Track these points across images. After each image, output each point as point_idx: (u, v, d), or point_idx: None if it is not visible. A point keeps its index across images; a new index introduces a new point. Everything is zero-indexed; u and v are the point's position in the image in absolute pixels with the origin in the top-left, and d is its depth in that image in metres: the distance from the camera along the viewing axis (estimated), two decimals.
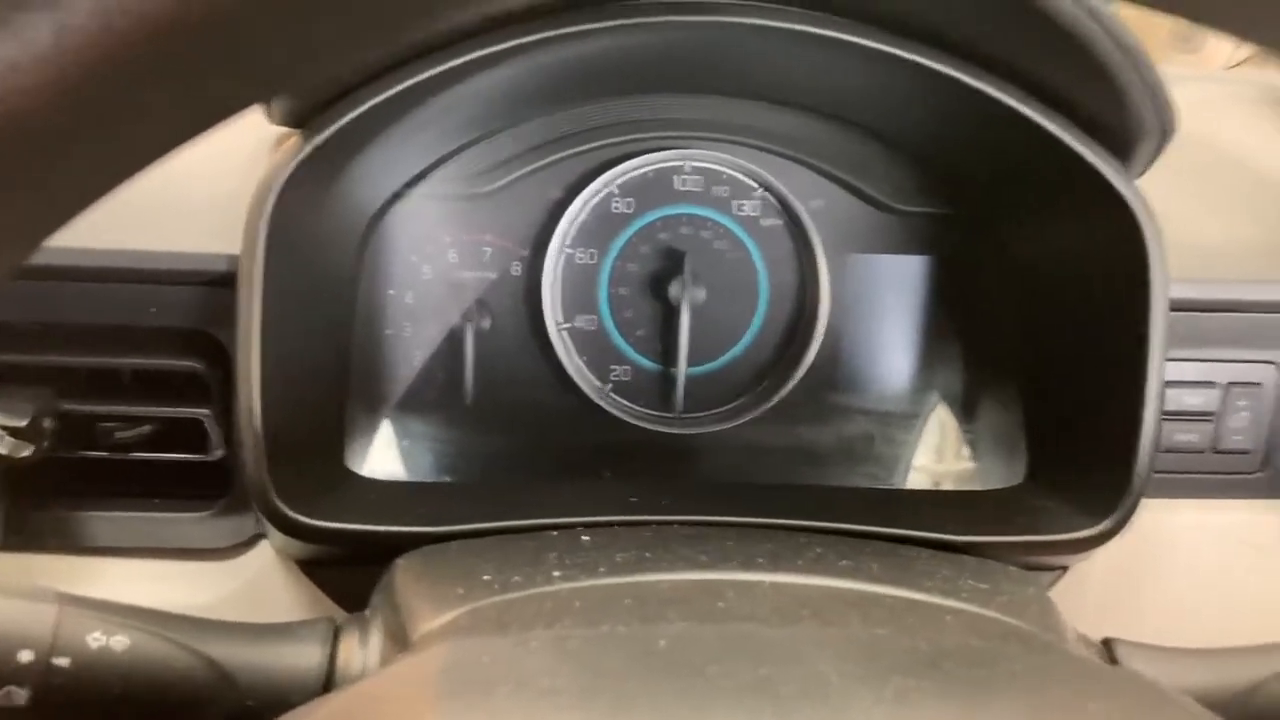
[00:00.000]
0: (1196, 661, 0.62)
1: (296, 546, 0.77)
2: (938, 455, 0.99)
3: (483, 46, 0.72)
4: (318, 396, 0.82)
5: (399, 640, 0.58)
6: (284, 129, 0.77)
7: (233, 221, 0.75)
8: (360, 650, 0.60)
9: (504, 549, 0.66)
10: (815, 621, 0.47)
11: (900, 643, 0.44)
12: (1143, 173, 0.79)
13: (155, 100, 0.28)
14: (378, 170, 0.87)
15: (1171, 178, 0.80)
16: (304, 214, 0.78)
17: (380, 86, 0.73)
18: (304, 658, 0.59)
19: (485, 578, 0.59)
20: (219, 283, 0.76)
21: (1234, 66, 1.30)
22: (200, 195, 0.82)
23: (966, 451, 0.96)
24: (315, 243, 0.82)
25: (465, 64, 0.73)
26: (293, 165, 0.72)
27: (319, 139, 0.73)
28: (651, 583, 0.54)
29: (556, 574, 0.57)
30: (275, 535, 0.76)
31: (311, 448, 0.80)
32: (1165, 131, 0.73)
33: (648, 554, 0.61)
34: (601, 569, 0.58)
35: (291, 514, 0.72)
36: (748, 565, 0.57)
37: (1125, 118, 0.73)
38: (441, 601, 0.57)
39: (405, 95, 0.74)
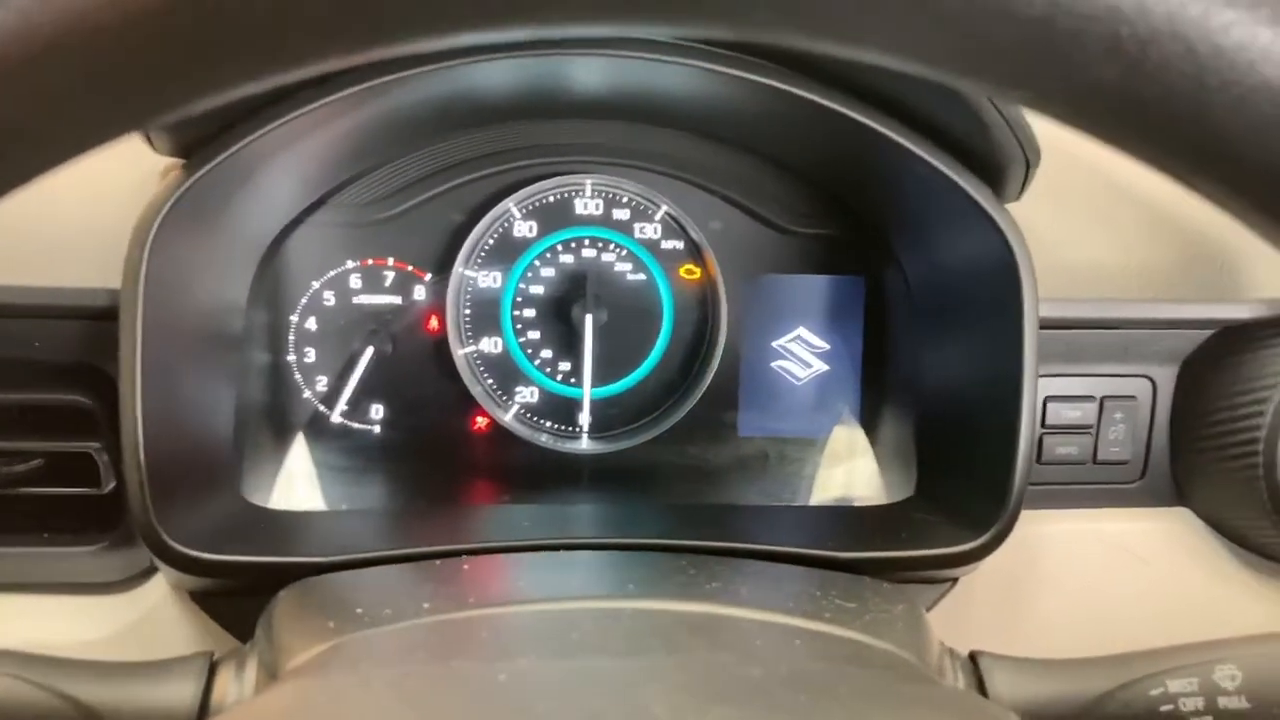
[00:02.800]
0: (1056, 672, 0.64)
1: (189, 579, 0.77)
2: (842, 472, 1.01)
3: (354, 83, 0.72)
4: (209, 427, 0.82)
5: (271, 672, 0.58)
6: (170, 159, 0.77)
7: (120, 253, 0.74)
8: (235, 684, 0.61)
9: (385, 579, 0.67)
10: (662, 651, 0.49)
11: (737, 670, 0.46)
12: (1016, 197, 0.81)
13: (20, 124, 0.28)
14: (269, 199, 0.87)
15: (1050, 197, 0.83)
16: (190, 245, 0.78)
17: (261, 120, 0.73)
18: (177, 695, 0.60)
19: (358, 610, 0.59)
20: (103, 316, 0.76)
21: None
22: (86, 227, 0.81)
23: (869, 467, 0.99)
24: (204, 272, 0.82)
25: (347, 96, 0.73)
26: (173, 199, 0.72)
27: (199, 173, 0.73)
28: (513, 614, 0.55)
29: (426, 605, 0.58)
30: (166, 568, 0.76)
31: (202, 479, 0.80)
32: (1029, 162, 0.77)
33: (521, 581, 0.62)
34: (471, 599, 0.59)
35: (177, 547, 0.72)
36: (615, 592, 0.59)
37: (991, 148, 0.76)
38: (311, 635, 0.58)
39: (289, 127, 0.75)
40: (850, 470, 0.99)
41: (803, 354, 1.02)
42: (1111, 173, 0.99)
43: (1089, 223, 0.94)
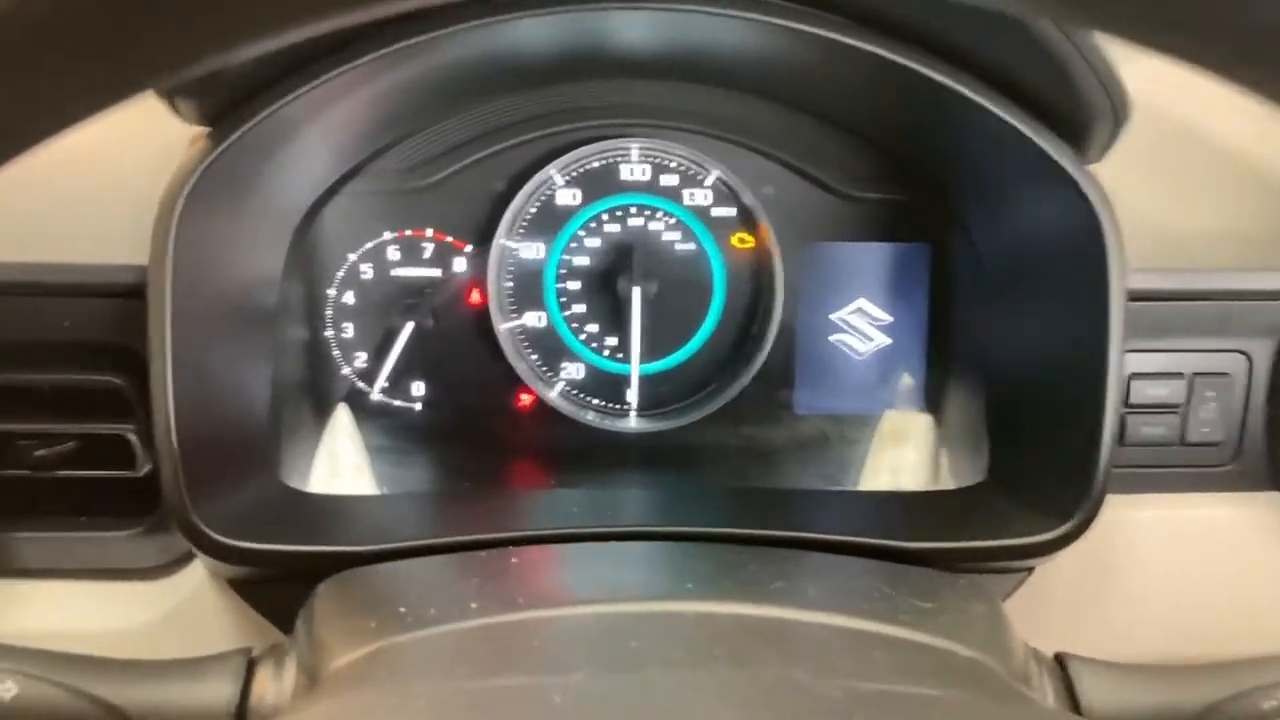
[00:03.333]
0: (1153, 680, 0.59)
1: (226, 567, 0.74)
2: (907, 453, 0.96)
3: (387, 44, 0.67)
4: (245, 407, 0.79)
5: (311, 675, 0.55)
6: (198, 128, 0.73)
7: (149, 228, 0.71)
8: (274, 684, 0.58)
9: (428, 573, 0.63)
10: (728, 662, 0.45)
11: (816, 689, 0.42)
12: (1099, 158, 0.75)
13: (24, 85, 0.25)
14: (302, 167, 0.83)
15: (1135, 158, 0.76)
16: (220, 217, 0.74)
17: (290, 85, 0.69)
18: (213, 695, 0.57)
19: (401, 609, 0.56)
20: (133, 294, 0.72)
21: None
22: (116, 201, 0.78)
23: (931, 449, 0.93)
24: (235, 245, 0.78)
25: (377, 59, 0.69)
26: (200, 169, 0.68)
27: (227, 141, 0.69)
28: (566, 618, 0.51)
29: (474, 605, 0.54)
30: (203, 556, 0.73)
31: (239, 462, 0.77)
32: (1118, 117, 0.70)
33: (573, 578, 0.58)
34: (520, 599, 0.55)
35: (213, 534, 0.69)
36: (674, 592, 0.54)
37: (1076, 103, 0.69)
38: (353, 635, 0.54)
39: (319, 93, 0.70)
40: (916, 452, 0.94)
41: (863, 327, 0.96)
42: (1201, 130, 0.92)
43: (1176, 184, 0.87)
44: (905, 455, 0.93)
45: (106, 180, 0.78)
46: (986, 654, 0.55)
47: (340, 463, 0.94)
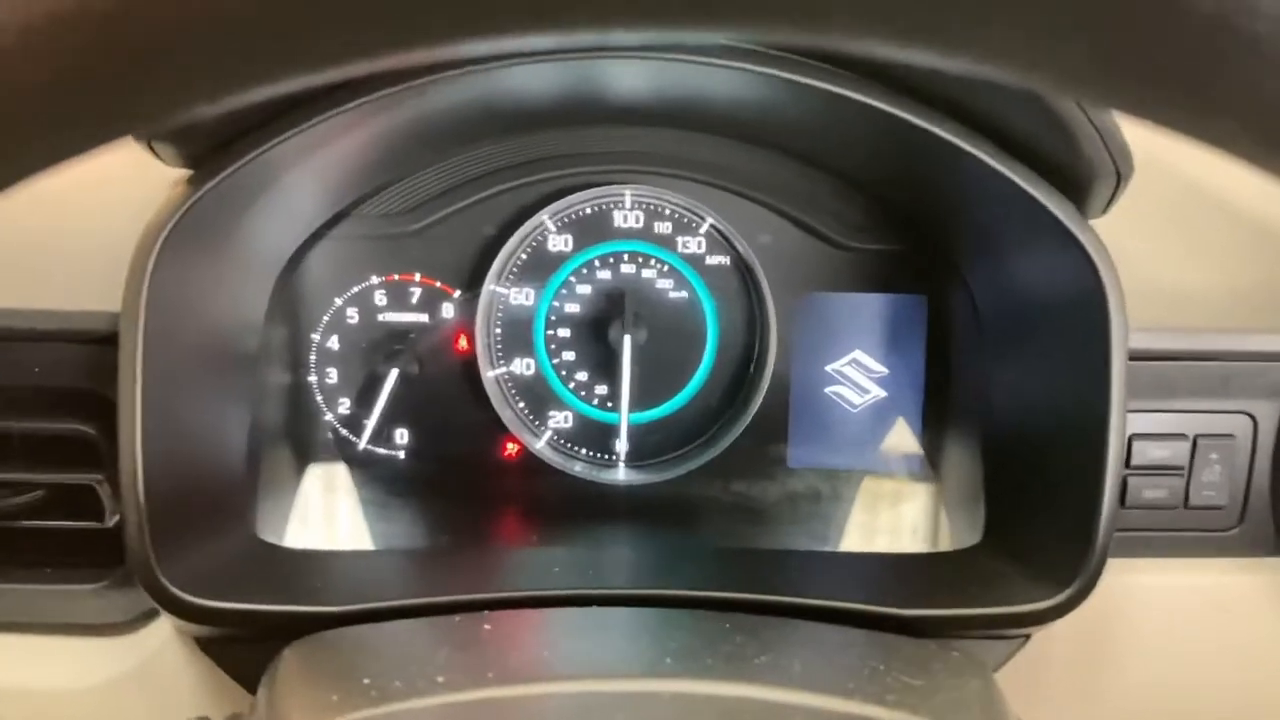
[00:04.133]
0: None
1: (192, 625, 0.72)
2: (889, 515, 0.93)
3: (379, 89, 0.66)
4: (219, 457, 0.77)
5: None
6: (180, 171, 0.71)
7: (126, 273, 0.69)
8: None
9: (399, 639, 0.61)
10: None
11: None
12: (1100, 214, 0.73)
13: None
14: (287, 212, 0.81)
15: (1138, 215, 0.75)
16: (199, 263, 0.72)
17: (274, 130, 0.67)
18: None
19: (365, 681, 0.53)
20: (106, 340, 0.70)
21: None
22: (93, 245, 0.76)
23: (921, 512, 0.91)
24: (216, 291, 0.76)
25: (365, 104, 0.67)
26: (177, 215, 0.67)
27: (206, 186, 0.67)
28: (534, 698, 0.48)
29: (440, 680, 0.52)
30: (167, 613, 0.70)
31: (210, 515, 0.75)
32: (1120, 174, 0.68)
33: (547, 650, 0.55)
34: (490, 673, 0.52)
35: (177, 592, 0.67)
36: (652, 668, 0.52)
37: (1078, 160, 0.67)
38: (312, 711, 0.52)
39: (305, 137, 0.69)
40: (905, 515, 0.91)
41: (859, 379, 0.94)
42: (1203, 186, 0.90)
43: (1178, 242, 0.85)
44: (903, 515, 0.91)
45: (83, 223, 0.77)
46: None
47: (320, 515, 0.91)
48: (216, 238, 0.74)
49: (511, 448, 0.94)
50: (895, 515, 0.90)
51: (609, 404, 0.94)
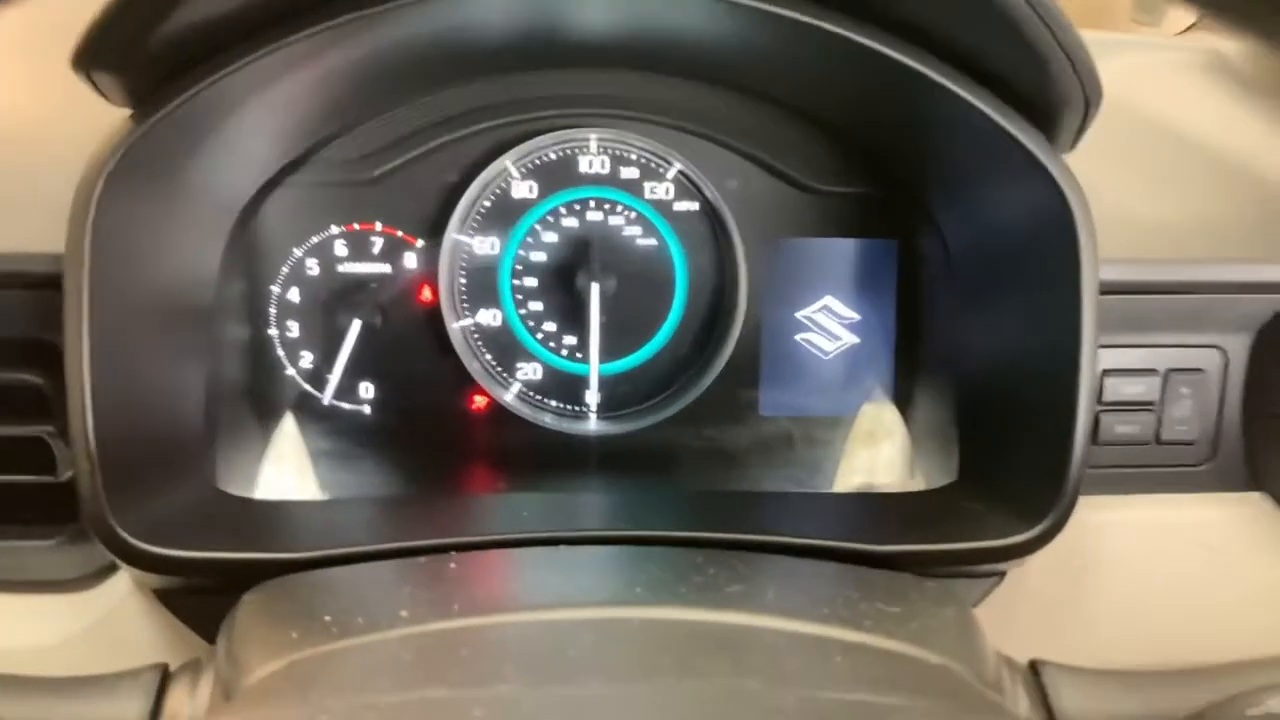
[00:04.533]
0: (1130, 687, 0.56)
1: (151, 577, 0.70)
2: (873, 455, 0.93)
3: (324, 19, 0.64)
4: (174, 409, 0.74)
5: (227, 690, 0.51)
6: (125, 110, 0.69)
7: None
8: (189, 703, 0.53)
9: (362, 579, 0.59)
10: (674, 673, 0.41)
11: (767, 699, 0.38)
12: (1071, 147, 0.72)
13: None
14: (240, 155, 0.78)
15: (1107, 150, 0.74)
16: (147, 204, 0.70)
17: (220, 62, 0.65)
18: (122, 713, 0.52)
19: (326, 618, 0.52)
20: (50, 284, 0.68)
21: (1181, 32, 1.24)
22: (36, 184, 0.73)
23: (899, 450, 0.90)
24: (167, 236, 0.74)
25: (314, 35, 0.65)
26: (120, 150, 0.64)
27: (150, 120, 0.64)
28: (501, 625, 0.47)
29: (404, 614, 0.50)
30: (125, 565, 0.68)
31: (166, 466, 0.72)
32: (1089, 102, 0.67)
33: (514, 584, 0.54)
34: (455, 606, 0.51)
35: (132, 540, 0.65)
36: (620, 596, 0.51)
37: (1047, 87, 0.66)
38: (272, 647, 0.50)
39: (254, 73, 0.66)
40: (882, 453, 0.90)
41: (830, 325, 0.93)
42: (1170, 121, 0.90)
43: (1147, 176, 0.85)
44: (880, 454, 0.90)
45: (25, 161, 0.74)
46: (956, 661, 0.51)
47: (284, 468, 0.89)
48: (165, 178, 0.71)
49: (479, 400, 0.92)
50: (874, 455, 0.90)
51: (578, 354, 0.92)
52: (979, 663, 0.53)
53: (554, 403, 0.93)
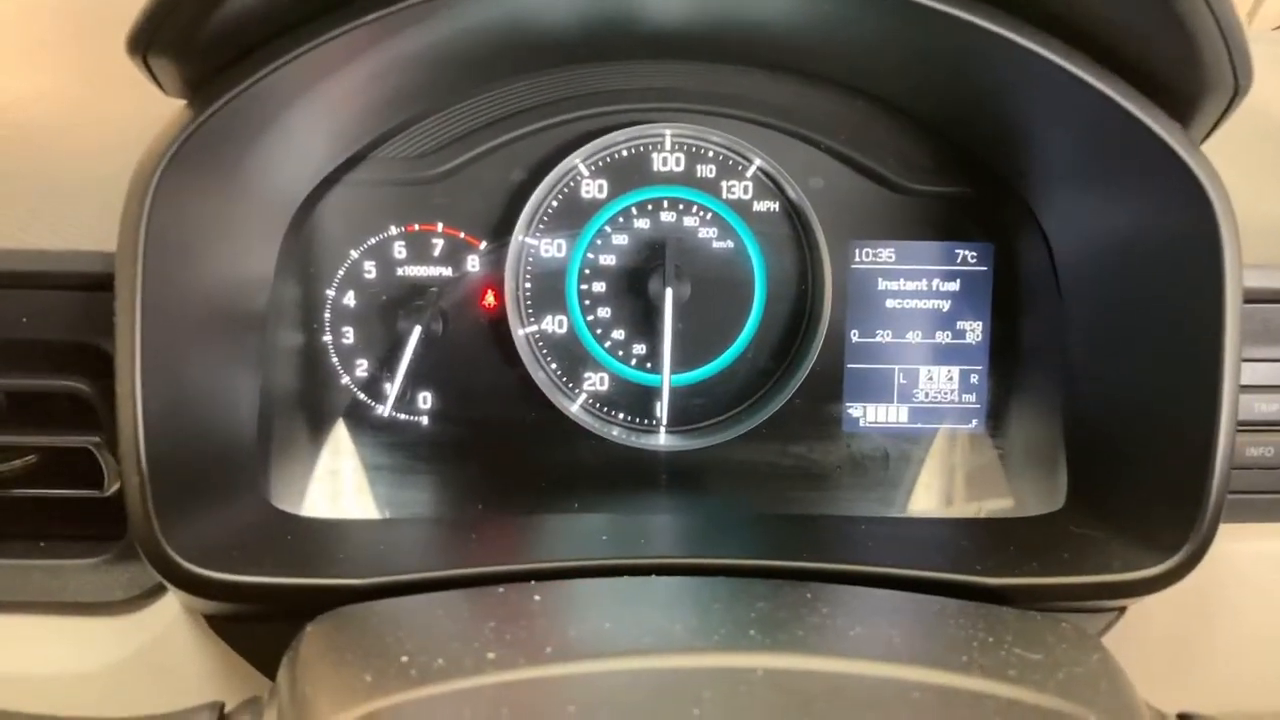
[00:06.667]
0: None
1: (201, 600, 0.65)
2: (957, 477, 0.86)
3: (386, 2, 0.58)
4: (228, 419, 0.70)
5: None
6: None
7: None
8: None
9: (435, 612, 0.54)
10: None
11: None
12: (1205, 139, 0.65)
13: None
14: (297, 150, 0.74)
15: (1212, 145, 0.67)
16: (202, 201, 0.65)
17: (279, 49, 0.60)
18: None
19: (403, 658, 0.46)
20: (101, 286, 0.63)
21: (1279, 27, 1.16)
22: (89, 180, 0.69)
23: (994, 472, 0.83)
24: (222, 236, 0.69)
25: (374, 21, 0.60)
26: (178, 142, 0.59)
27: (209, 110, 0.60)
28: (607, 675, 0.41)
29: (490, 656, 0.45)
30: (175, 589, 0.63)
31: (219, 482, 0.68)
32: (1239, 89, 0.60)
33: (608, 624, 0.48)
34: (548, 649, 0.45)
35: (185, 564, 0.60)
36: (734, 640, 0.45)
37: (1192, 70, 0.59)
38: (344, 692, 0.45)
39: (312, 61, 0.61)
40: (981, 474, 0.84)
41: (920, 334, 0.87)
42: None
43: (1264, 173, 0.78)
44: (967, 477, 0.84)
45: (78, 156, 0.69)
46: (1113, 718, 0.45)
47: (339, 483, 0.84)
48: (221, 173, 0.66)
49: (544, 412, 0.86)
50: (964, 478, 0.83)
51: (648, 364, 0.87)
52: (1133, 718, 0.47)
53: (622, 415, 0.88)
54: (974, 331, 0.86)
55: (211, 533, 0.64)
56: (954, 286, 0.86)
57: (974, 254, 0.86)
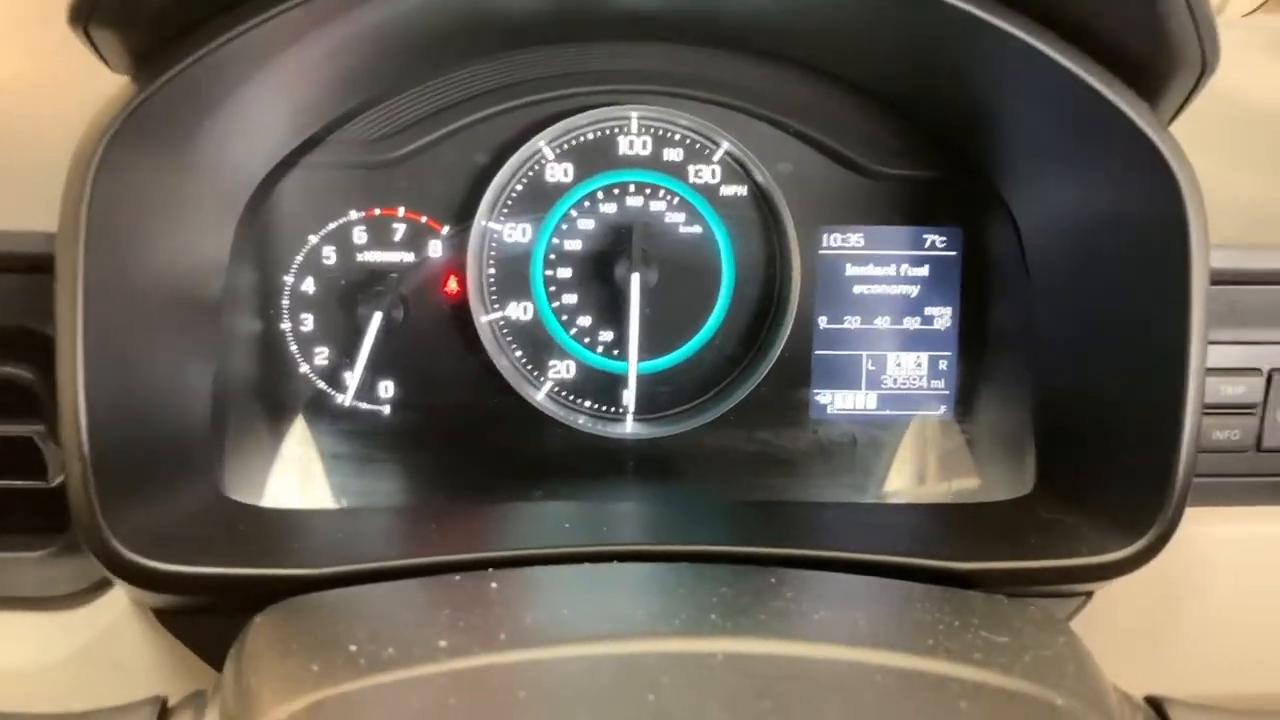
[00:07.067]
0: None
1: (150, 594, 0.62)
2: (927, 463, 0.86)
3: None
4: (178, 408, 0.67)
5: None
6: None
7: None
8: None
9: (389, 601, 0.52)
10: None
11: None
12: (1172, 119, 0.65)
13: None
14: (251, 130, 0.71)
15: (1187, 129, 0.67)
16: (150, 180, 0.63)
17: (229, 21, 0.58)
18: None
19: (351, 648, 0.44)
20: (42, 267, 0.61)
21: (1249, 14, 1.17)
22: (29, 159, 0.67)
23: (963, 457, 0.83)
24: (173, 218, 0.67)
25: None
26: (120, 118, 0.57)
27: (156, 83, 0.58)
28: (564, 661, 0.40)
29: (443, 643, 0.43)
30: (120, 581, 0.61)
31: (168, 471, 0.65)
32: (1206, 67, 0.60)
33: (566, 609, 0.47)
34: (503, 635, 0.43)
35: (129, 554, 0.58)
36: (695, 625, 0.43)
37: (1160, 48, 0.59)
38: (289, 682, 0.43)
39: (265, 36, 0.59)
40: (950, 459, 0.83)
41: (888, 320, 0.86)
42: (1249, 99, 0.82)
43: (1239, 156, 0.78)
44: (936, 462, 0.83)
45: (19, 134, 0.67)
46: (1083, 703, 0.44)
47: (297, 473, 0.82)
48: (170, 152, 0.64)
49: (508, 400, 0.85)
50: (933, 464, 0.82)
51: (615, 352, 0.85)
52: (1102, 702, 0.46)
53: (588, 403, 0.86)
54: (943, 317, 0.86)
55: (159, 523, 0.62)
56: (923, 272, 0.85)
57: (942, 239, 0.85)
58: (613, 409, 0.86)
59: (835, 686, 0.38)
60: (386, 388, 0.84)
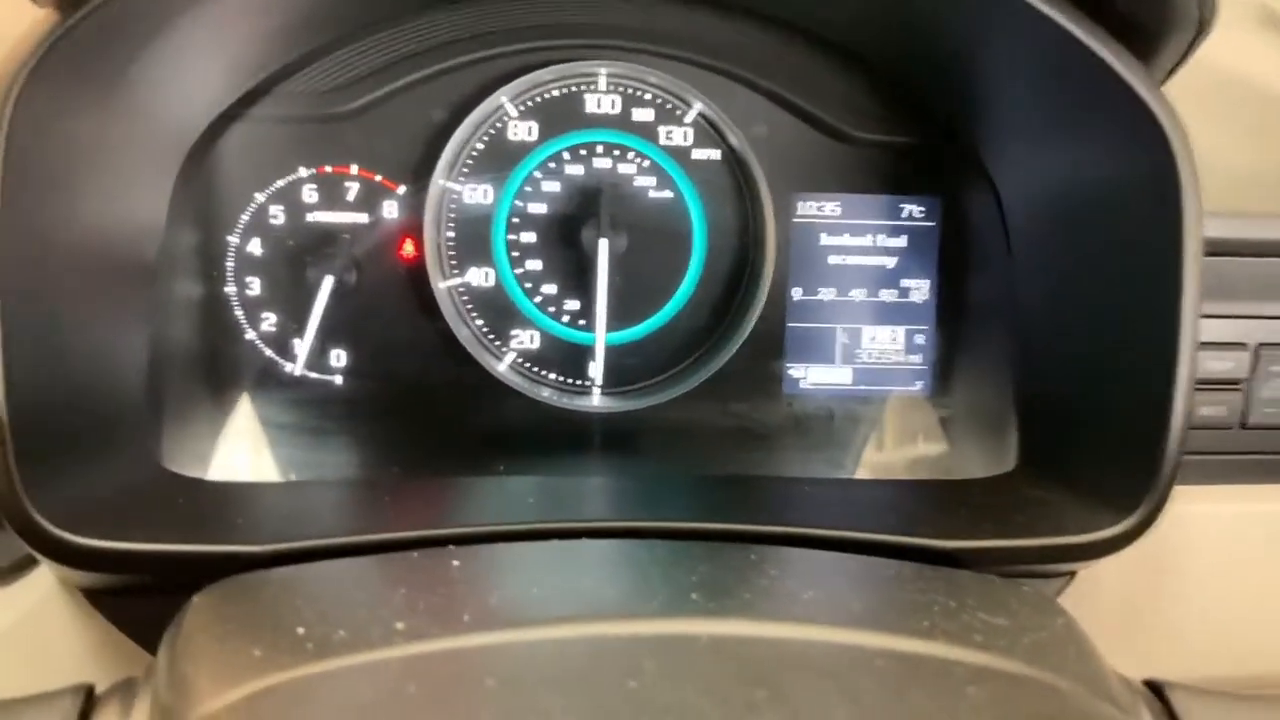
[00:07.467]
0: (1269, 712, 0.46)
1: (77, 572, 0.58)
2: (902, 437, 0.83)
3: None
4: (109, 376, 0.62)
5: None
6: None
7: None
8: None
9: (340, 580, 0.48)
10: (773, 712, 0.30)
11: None
12: (1164, 80, 0.62)
13: None
14: (190, 76, 0.66)
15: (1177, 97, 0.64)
16: (75, 125, 0.57)
17: None
18: None
19: (299, 630, 0.40)
20: None
21: None
22: None
23: (937, 432, 0.80)
24: (103, 169, 0.61)
25: None
26: (40, 52, 0.52)
27: (78, 14, 0.52)
28: (533, 645, 0.36)
29: (400, 625, 0.39)
30: (44, 558, 0.56)
31: (98, 441, 0.60)
32: (1204, 24, 0.57)
33: (535, 589, 0.43)
34: (466, 616, 0.40)
35: (55, 530, 0.53)
36: (676, 605, 0.40)
37: (1157, 5, 0.56)
38: (228, 669, 0.39)
39: None
40: (918, 437, 0.81)
41: (865, 291, 0.83)
42: (1223, 69, 0.80)
43: (1230, 124, 0.76)
44: (916, 438, 0.81)
45: None
46: (1087, 686, 0.41)
47: (243, 445, 0.77)
48: (97, 94, 0.59)
49: (469, 371, 0.81)
50: (912, 441, 0.80)
51: (581, 321, 0.81)
52: (1105, 685, 0.43)
53: (553, 375, 0.82)
54: (920, 290, 0.83)
55: (88, 497, 0.57)
56: (900, 242, 0.83)
57: (920, 208, 0.82)
58: (579, 381, 0.82)
59: (834, 672, 0.35)
60: (338, 356, 0.80)
